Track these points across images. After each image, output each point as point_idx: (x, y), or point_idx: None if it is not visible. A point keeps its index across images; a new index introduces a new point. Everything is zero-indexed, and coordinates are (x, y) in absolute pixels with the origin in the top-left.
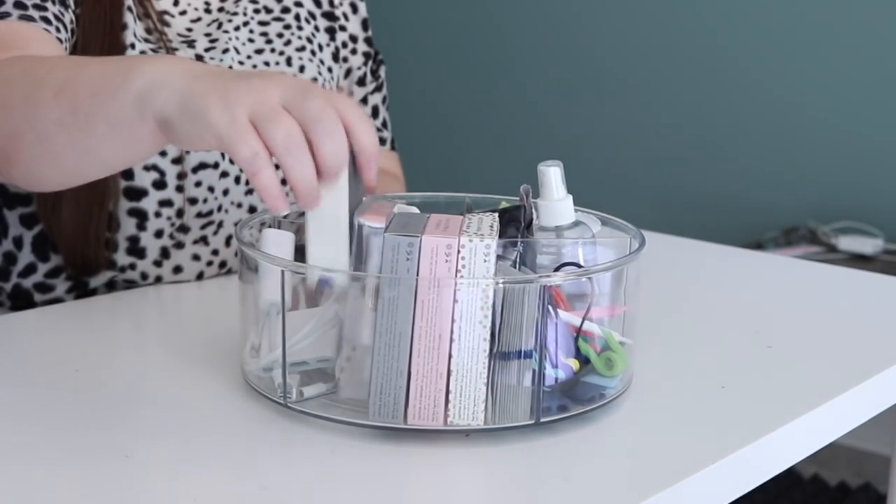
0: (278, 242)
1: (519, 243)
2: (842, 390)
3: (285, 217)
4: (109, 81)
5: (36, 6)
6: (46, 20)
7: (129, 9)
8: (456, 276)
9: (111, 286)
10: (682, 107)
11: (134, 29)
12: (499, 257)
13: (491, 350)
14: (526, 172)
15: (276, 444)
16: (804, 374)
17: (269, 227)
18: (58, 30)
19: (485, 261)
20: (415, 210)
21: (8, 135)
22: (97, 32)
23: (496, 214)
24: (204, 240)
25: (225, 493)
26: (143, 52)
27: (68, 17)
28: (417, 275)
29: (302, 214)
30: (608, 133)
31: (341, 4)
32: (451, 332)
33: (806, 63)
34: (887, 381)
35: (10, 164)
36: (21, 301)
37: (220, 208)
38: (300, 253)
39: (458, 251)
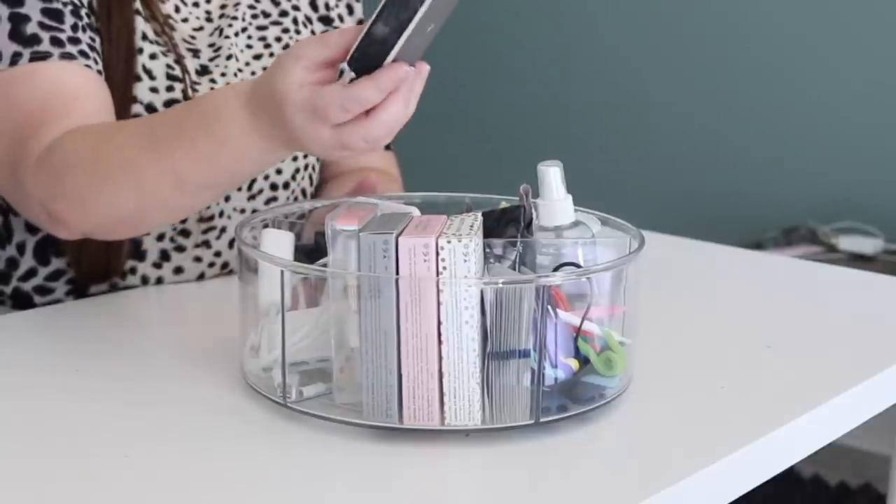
0: (278, 242)
1: (519, 243)
2: (842, 390)
3: (286, 217)
4: (219, 165)
5: (71, 40)
6: (84, 54)
7: (138, 11)
8: (438, 276)
9: (111, 290)
10: (681, 106)
11: (143, 31)
12: (499, 257)
13: (484, 350)
14: (526, 172)
15: (276, 444)
16: (804, 374)
17: (269, 227)
18: (96, 61)
19: (465, 261)
20: (414, 210)
21: (125, 218)
22: (113, 38)
23: (479, 214)
24: (206, 244)
25: (224, 492)
26: (152, 55)
27: (97, 39)
28: (397, 274)
29: (301, 217)
30: (608, 133)
31: (337, 6)
32: (439, 332)
33: (806, 63)
34: (887, 381)
35: (130, 231)
36: (21, 303)
37: (221, 213)
38: (300, 253)
39: (438, 252)
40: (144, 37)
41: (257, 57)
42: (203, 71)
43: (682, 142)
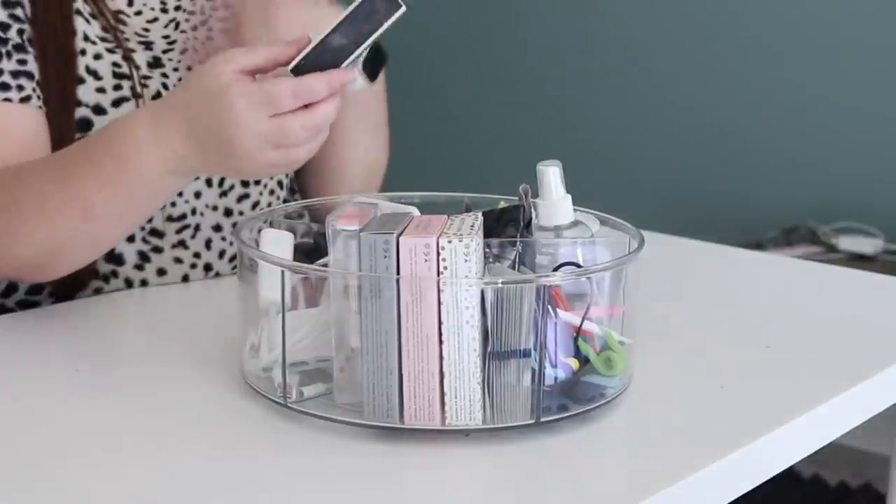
0: (277, 242)
1: (518, 243)
2: (842, 390)
3: (284, 216)
4: (124, 187)
5: None
6: (4, 86)
7: (79, 12)
8: (438, 276)
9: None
10: (681, 107)
11: (85, 31)
12: (497, 257)
13: (484, 350)
14: (526, 172)
15: (276, 444)
16: (804, 374)
17: (269, 227)
18: (20, 88)
19: (465, 261)
20: (414, 210)
21: (39, 257)
22: (49, 44)
23: (479, 214)
24: (183, 244)
25: (224, 492)
26: (97, 55)
27: (29, 59)
28: (398, 273)
29: (300, 216)
30: (608, 133)
31: None
32: (440, 332)
33: (806, 63)
34: (887, 381)
35: (49, 271)
36: None
37: (193, 211)
38: (300, 253)
39: (439, 252)
40: (87, 38)
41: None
42: (155, 63)
43: (682, 142)
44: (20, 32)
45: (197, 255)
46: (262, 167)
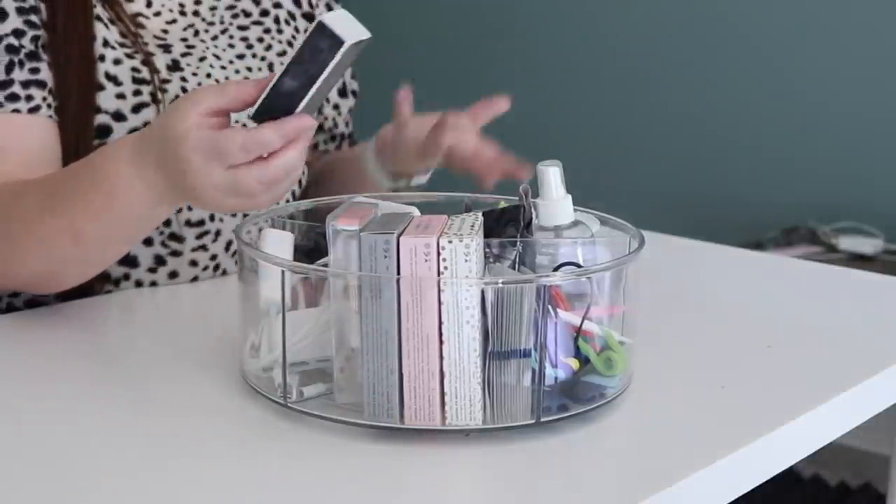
0: (278, 242)
1: (518, 243)
2: (842, 390)
3: (284, 216)
4: (114, 221)
5: (1, 84)
6: (13, 97)
7: (98, 17)
8: (439, 276)
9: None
10: (681, 107)
11: (105, 36)
12: (497, 257)
13: (485, 350)
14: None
15: (276, 444)
16: (804, 374)
17: (270, 227)
18: (29, 98)
19: (466, 261)
20: (415, 210)
21: (38, 276)
22: (68, 50)
23: (479, 214)
24: (203, 248)
25: (224, 492)
26: (116, 61)
27: (42, 65)
28: (398, 273)
29: (302, 216)
30: (608, 133)
31: (318, 5)
32: (440, 332)
33: (805, 63)
34: (887, 381)
35: (51, 287)
36: None
37: (213, 217)
38: (300, 253)
39: (439, 252)
40: (106, 43)
41: (240, 56)
42: (174, 67)
43: (683, 142)
44: (35, 39)
45: (213, 258)
46: (228, 210)
